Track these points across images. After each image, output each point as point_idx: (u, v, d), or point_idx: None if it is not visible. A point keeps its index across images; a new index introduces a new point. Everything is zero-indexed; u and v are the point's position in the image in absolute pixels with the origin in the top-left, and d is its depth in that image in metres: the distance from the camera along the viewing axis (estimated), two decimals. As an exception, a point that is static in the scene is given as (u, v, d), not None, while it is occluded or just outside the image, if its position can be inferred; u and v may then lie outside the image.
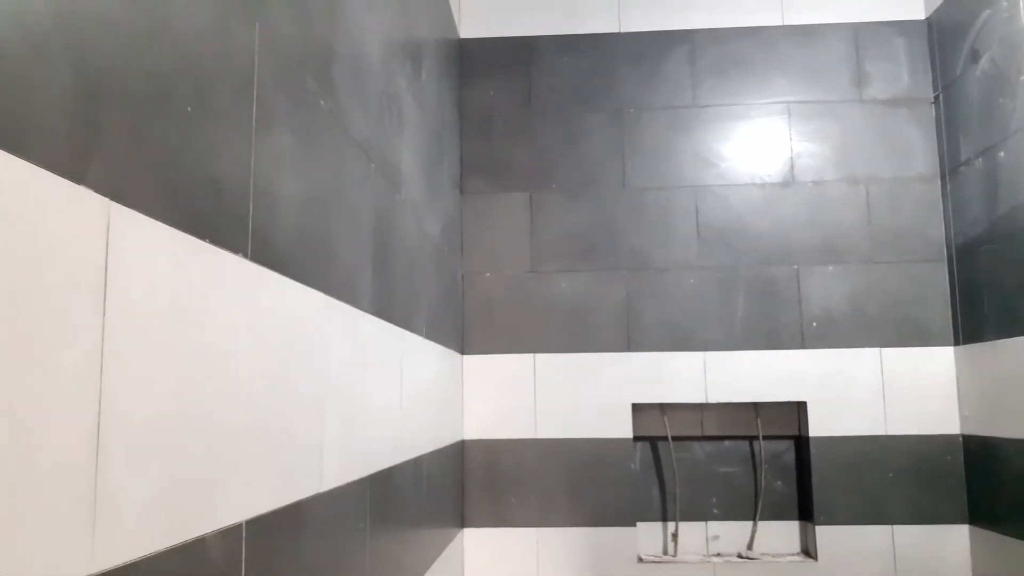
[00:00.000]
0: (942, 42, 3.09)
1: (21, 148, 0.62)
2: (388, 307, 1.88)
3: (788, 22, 3.23)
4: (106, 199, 0.73)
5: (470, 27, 3.32)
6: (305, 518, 1.26)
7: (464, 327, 3.14)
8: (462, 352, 3.11)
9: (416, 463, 2.19)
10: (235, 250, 1.02)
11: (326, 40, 1.44)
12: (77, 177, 0.69)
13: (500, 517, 3.04)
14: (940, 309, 3.03)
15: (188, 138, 0.90)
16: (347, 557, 1.49)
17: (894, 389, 3.00)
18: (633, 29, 3.27)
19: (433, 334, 2.50)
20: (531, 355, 3.11)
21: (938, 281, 3.05)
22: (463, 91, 3.27)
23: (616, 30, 3.28)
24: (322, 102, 1.40)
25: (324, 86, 1.41)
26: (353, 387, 1.56)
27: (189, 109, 0.90)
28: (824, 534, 2.94)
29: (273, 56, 1.16)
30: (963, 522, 2.92)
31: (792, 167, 3.16)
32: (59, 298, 0.67)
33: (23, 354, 0.62)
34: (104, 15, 0.74)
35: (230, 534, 0.98)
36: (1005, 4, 2.67)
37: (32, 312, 0.63)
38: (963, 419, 2.95)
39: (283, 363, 1.18)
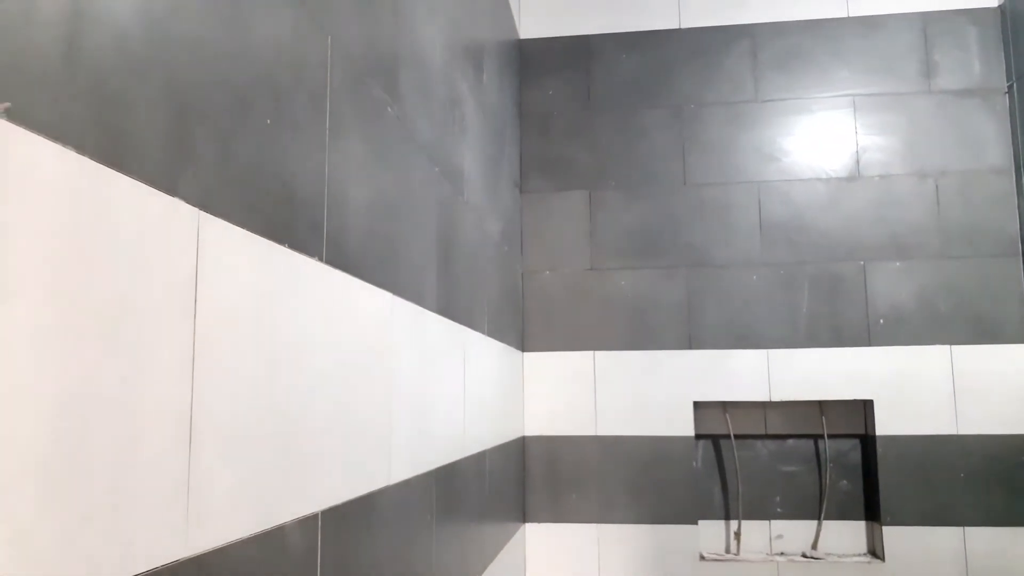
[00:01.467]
0: (1016, 29, 2.99)
1: (124, 165, 0.68)
2: (452, 306, 1.93)
3: (853, 13, 3.17)
4: (196, 209, 0.79)
5: (529, 27, 3.35)
6: (376, 509, 1.31)
7: (524, 325, 3.18)
8: (522, 349, 3.15)
9: (479, 458, 2.24)
10: (311, 254, 1.07)
11: (392, 49, 1.49)
12: (171, 190, 0.75)
13: (561, 513, 3.07)
14: (1014, 305, 2.94)
15: (268, 149, 0.95)
16: (415, 548, 1.54)
17: (965, 388, 2.92)
18: (693, 25, 3.26)
19: (495, 332, 2.54)
20: (591, 352, 3.13)
21: (1012, 277, 2.96)
22: (523, 91, 3.31)
23: (676, 26, 3.27)
24: (389, 109, 1.45)
25: (391, 94, 1.46)
26: (419, 383, 1.61)
27: (268, 122, 0.95)
28: (892, 535, 2.89)
29: (344, 68, 1.22)
30: (1040, 525, 2.83)
31: (858, 161, 3.11)
32: (157, 302, 0.72)
33: (126, 353, 0.68)
34: (192, 36, 0.80)
35: (307, 523, 1.04)
36: (1084, -11, 2.57)
37: (134, 314, 0.69)
38: (1039, 419, 2.86)
39: (355, 360, 1.24)
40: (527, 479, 3.09)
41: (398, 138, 1.50)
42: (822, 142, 3.14)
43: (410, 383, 1.55)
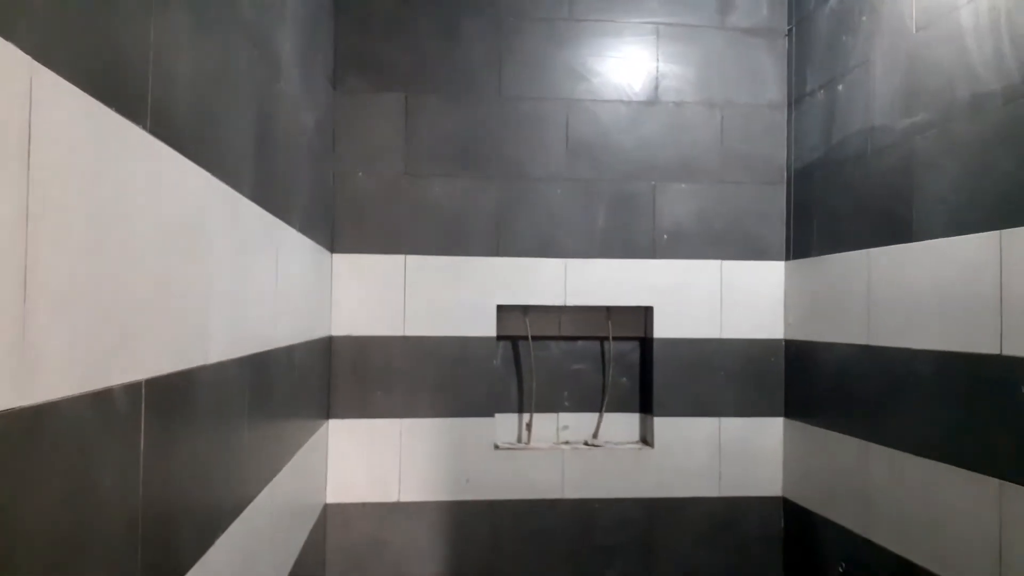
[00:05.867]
0: (798, -21, 3.32)
1: (-43, -1, 0.65)
2: (267, 196, 1.91)
3: (663, -55, 3.35)
4: (30, 58, 0.76)
5: (350, -84, 3.22)
6: (194, 387, 1.33)
7: (335, 225, 3.17)
8: (332, 250, 3.16)
9: (288, 352, 2.26)
10: (137, 121, 1.05)
11: (217, -83, 1.43)
12: (7, 33, 0.72)
13: (366, 409, 3.16)
14: (776, 227, 3.36)
15: (100, 8, 0.91)
16: (230, 434, 1.57)
17: (731, 298, 3.32)
18: (515, -64, 3.29)
19: (306, 229, 2.53)
20: (402, 256, 3.20)
21: (777, 202, 3.36)
22: (341, -17, 3.20)
23: (499, -65, 3.28)
24: (213, -19, 1.40)
25: (215, -35, 1.41)
26: (235, 267, 1.61)
27: (99, -24, 0.91)
28: (661, 424, 3.28)
29: (171, -71, 1.16)
30: (779, 415, 3.33)
31: (657, 87, 3.34)
32: (-11, 149, 0.70)
33: (-39, 198, 0.66)
34: None
35: (132, 389, 1.05)
36: (855, -52, 2.90)
37: (-32, 160, 0.67)
38: (787, 326, 3.33)
39: (176, 236, 1.23)
40: (333, 378, 3.15)
41: (223, 13, 1.46)
42: (628, 66, 3.33)
43: (227, 265, 1.54)
